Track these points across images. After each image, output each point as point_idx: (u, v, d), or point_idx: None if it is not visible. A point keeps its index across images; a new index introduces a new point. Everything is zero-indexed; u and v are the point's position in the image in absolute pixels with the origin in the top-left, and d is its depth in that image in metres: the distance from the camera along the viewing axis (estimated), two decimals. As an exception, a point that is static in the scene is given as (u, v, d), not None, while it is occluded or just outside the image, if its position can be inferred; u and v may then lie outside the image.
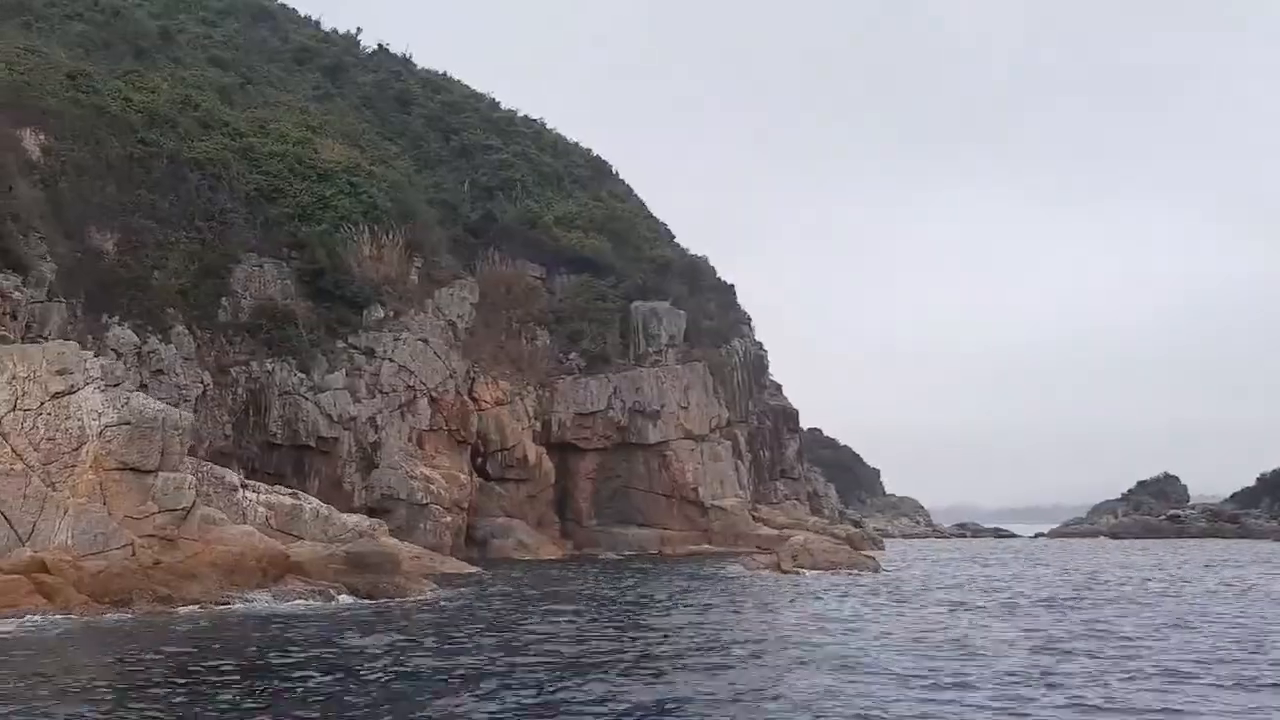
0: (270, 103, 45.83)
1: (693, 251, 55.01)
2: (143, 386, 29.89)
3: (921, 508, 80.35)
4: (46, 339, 25.69)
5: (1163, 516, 61.75)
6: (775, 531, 44.86)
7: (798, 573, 26.96)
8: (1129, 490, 69.12)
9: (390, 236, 41.46)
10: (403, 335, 39.49)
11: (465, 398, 40.79)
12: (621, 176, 58.04)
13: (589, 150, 57.57)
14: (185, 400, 32.50)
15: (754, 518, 46.04)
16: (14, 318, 24.27)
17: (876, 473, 78.82)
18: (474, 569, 28.88)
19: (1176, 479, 67.70)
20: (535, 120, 56.44)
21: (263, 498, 21.67)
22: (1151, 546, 50.20)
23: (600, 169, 57.16)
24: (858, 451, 77.49)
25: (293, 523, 21.36)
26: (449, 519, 36.87)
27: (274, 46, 51.93)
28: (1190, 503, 64.58)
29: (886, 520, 69.57)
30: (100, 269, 34.64)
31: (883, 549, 47.27)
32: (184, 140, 39.25)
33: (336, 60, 53.33)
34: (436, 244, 44.10)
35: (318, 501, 23.20)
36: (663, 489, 45.49)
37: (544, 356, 46.41)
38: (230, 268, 37.96)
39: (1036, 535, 66.34)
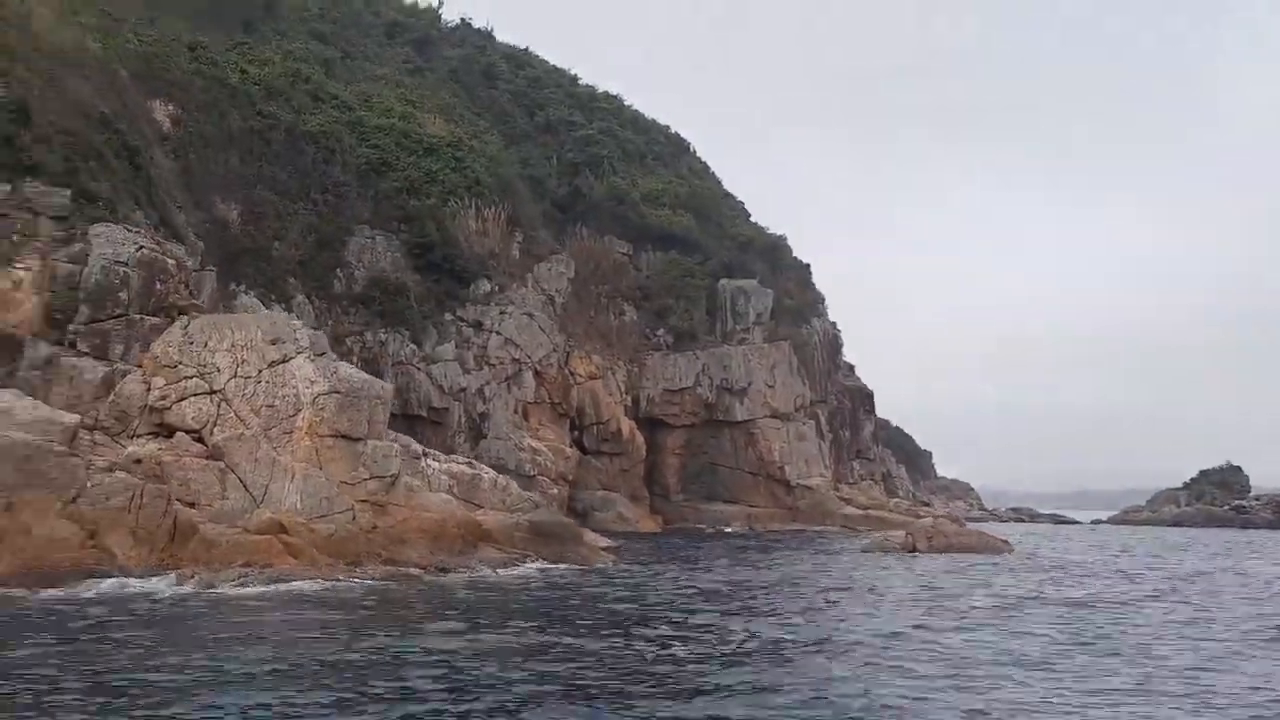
0: (369, 76, 46.45)
1: (771, 230, 55.54)
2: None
3: (972, 490, 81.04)
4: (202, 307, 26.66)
5: (1227, 506, 62.27)
6: (860, 511, 45.74)
7: (932, 555, 27.75)
8: (1191, 479, 69.56)
9: (493, 211, 42.24)
10: (508, 309, 40.35)
11: (565, 371, 41.69)
12: (699, 153, 58.49)
13: (667, 127, 58.03)
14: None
15: (838, 497, 46.83)
16: (186, 286, 25.10)
17: (929, 455, 79.49)
18: (607, 540, 29.84)
19: (1239, 469, 68.10)
20: (615, 96, 56.85)
21: (443, 466, 22.56)
22: (1228, 536, 50.74)
23: (679, 146, 57.67)
24: (909, 433, 78.19)
25: (473, 491, 22.25)
26: (555, 490, 37.83)
27: (366, 20, 52.44)
28: (1253, 494, 65.07)
29: (941, 503, 70.27)
30: (226, 238, 35.54)
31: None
32: (298, 113, 40.02)
33: (424, 34, 53.86)
34: (534, 219, 44.85)
35: (493, 471, 24.08)
36: (749, 466, 46.36)
37: (632, 332, 47.21)
38: (344, 240, 38.85)
39: (1095, 522, 66.89)
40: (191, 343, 20.37)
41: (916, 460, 74.90)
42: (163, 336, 20.64)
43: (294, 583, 16.09)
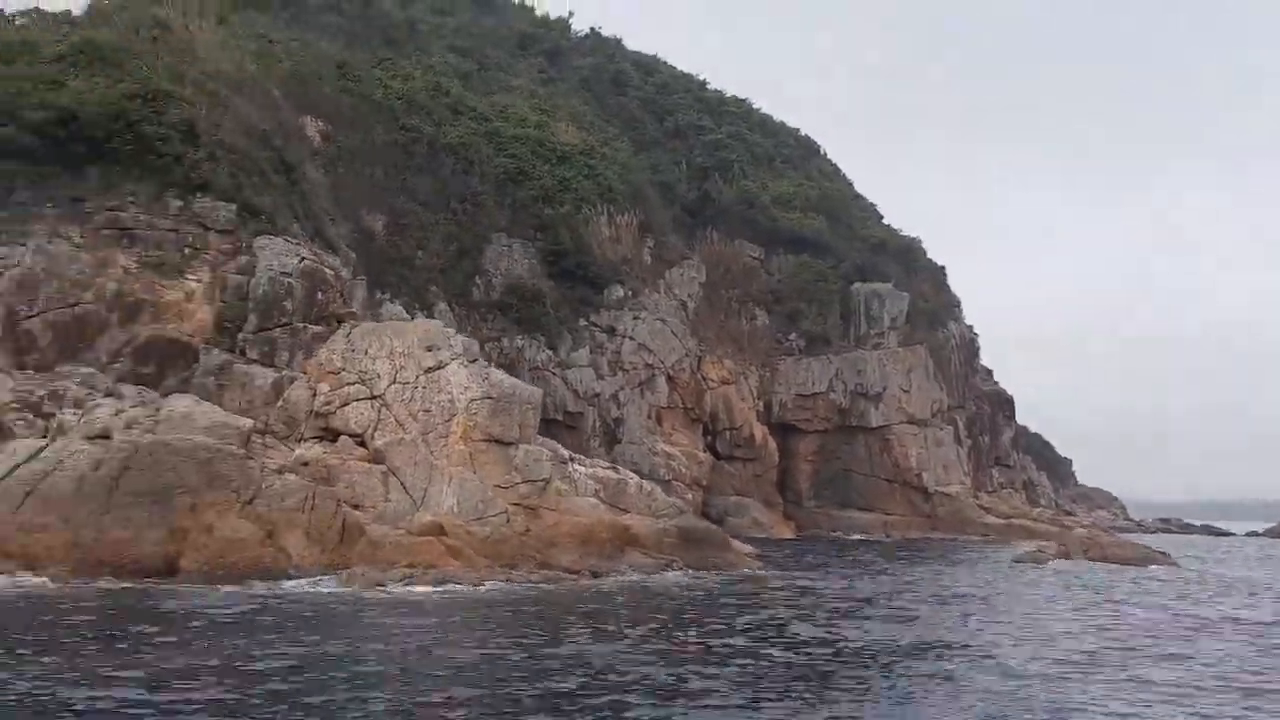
0: (504, 88, 47.45)
1: (904, 231, 54.22)
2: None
3: (1116, 499, 77.27)
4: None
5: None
6: (1002, 520, 44.14)
7: (1086, 568, 26.47)
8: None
9: (625, 217, 42.55)
10: (641, 314, 40.56)
11: (697, 376, 41.62)
12: (829, 155, 57.61)
13: (796, 129, 57.37)
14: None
15: (978, 505, 45.31)
16: (341, 295, 26.07)
17: (1069, 462, 76.14)
18: (746, 546, 29.57)
19: None
20: (743, 100, 56.55)
21: (589, 470, 22.73)
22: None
23: (809, 148, 56.94)
24: (1048, 439, 75.05)
25: (619, 496, 22.34)
26: (689, 496, 37.74)
27: (500, 34, 53.62)
28: None
29: (1083, 512, 67.19)
30: (372, 249, 36.80)
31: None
32: (438, 126, 41.19)
33: (555, 45, 54.71)
34: (664, 224, 44.98)
35: (637, 476, 24.18)
36: (884, 473, 45.33)
37: (763, 336, 46.79)
38: (482, 248, 39.76)
39: (1250, 533, 62.91)
40: (353, 350, 21.12)
41: (1056, 467, 71.88)
42: (327, 344, 21.47)
43: (458, 585, 16.44)
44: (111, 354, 23.64)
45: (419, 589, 15.79)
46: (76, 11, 39.57)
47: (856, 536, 41.72)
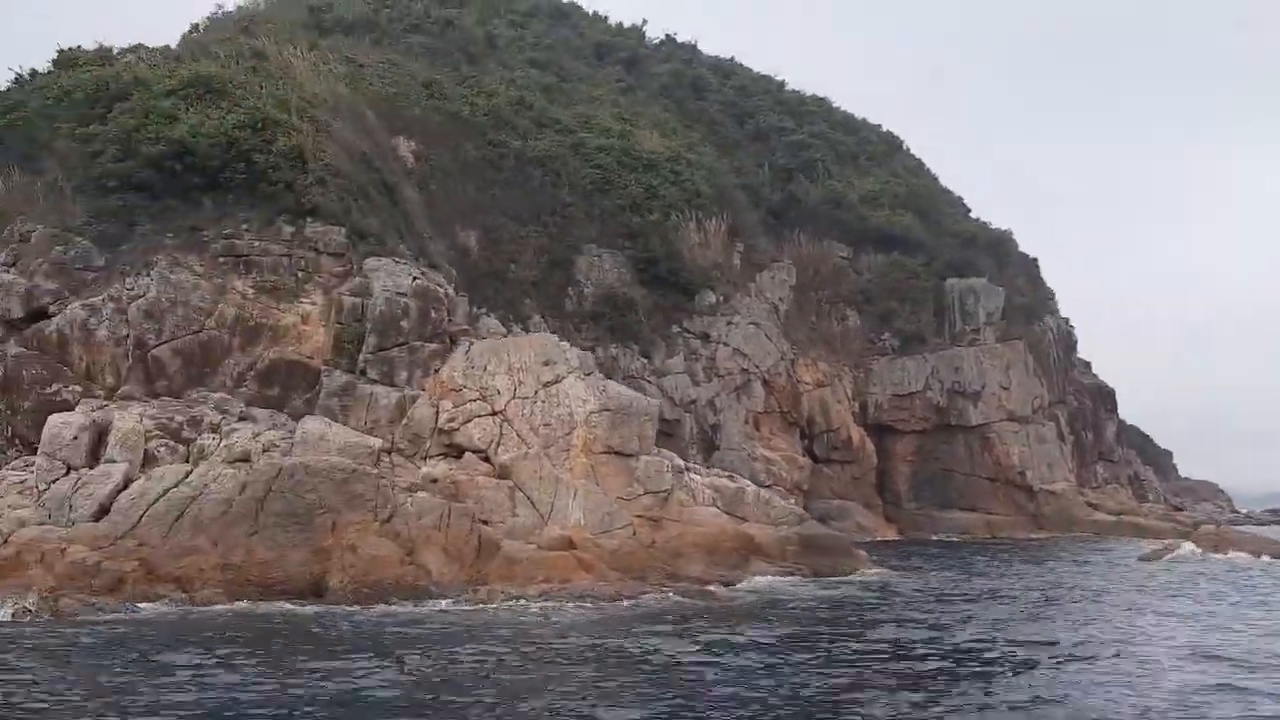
0: (585, 98, 47.68)
1: (994, 224, 53.08)
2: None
3: (1222, 492, 74.43)
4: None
5: None
6: (1111, 517, 42.86)
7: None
8: None
9: (713, 222, 42.39)
10: (734, 319, 40.34)
11: (793, 379, 41.25)
12: (912, 151, 56.73)
13: (878, 125, 56.60)
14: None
15: (1085, 503, 44.06)
16: (450, 312, 26.39)
17: (1169, 454, 73.51)
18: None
19: None
20: (823, 99, 55.95)
21: (705, 479, 22.65)
22: None
23: (892, 144, 56.10)
24: (1146, 431, 72.62)
25: (737, 504, 22.21)
26: (791, 501, 37.38)
27: (576, 44, 53.93)
28: None
29: (1190, 506, 64.92)
30: (467, 264, 37.24)
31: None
32: (524, 140, 41.54)
33: (632, 53, 54.83)
34: (753, 228, 44.71)
35: (753, 484, 24.03)
36: (986, 472, 44.36)
37: (856, 337, 46.16)
38: (573, 259, 39.95)
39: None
40: (473, 366, 21.37)
41: (1157, 461, 69.48)
42: (448, 361, 21.77)
43: (600, 600, 16.45)
44: (236, 378, 24.31)
45: (566, 604, 15.83)
46: (173, 44, 41.11)
47: (961, 537, 40.89)
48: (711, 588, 18.12)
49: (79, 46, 35.14)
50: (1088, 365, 53.96)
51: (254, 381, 23.51)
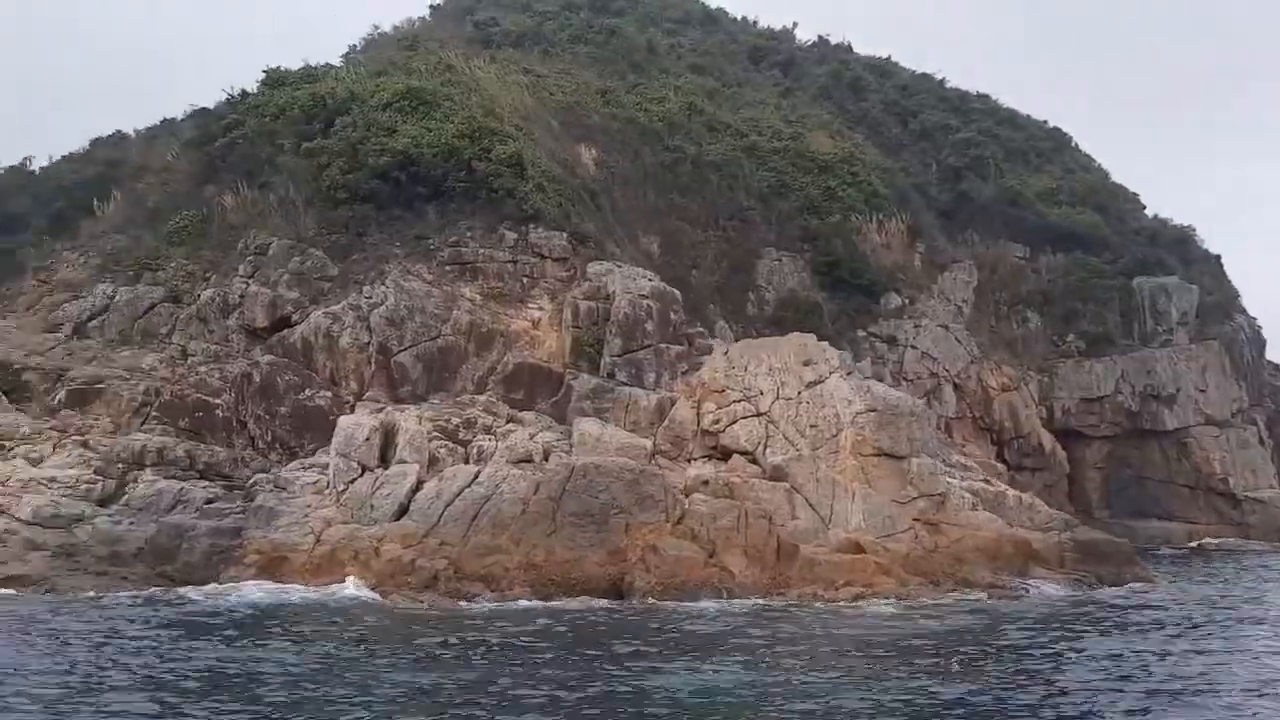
0: (750, 102, 47.33)
1: (1175, 221, 50.75)
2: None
3: None
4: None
5: None
6: (1328, 526, 40.27)
7: None
8: None
9: (893, 223, 41.49)
10: (921, 322, 39.32)
11: (983, 384, 40.01)
12: (1080, 147, 54.70)
13: (1044, 122, 54.75)
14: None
15: (1296, 510, 41.51)
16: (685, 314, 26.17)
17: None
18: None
19: None
20: (986, 95, 54.45)
21: (963, 483, 21.89)
22: None
23: (1059, 140, 54.19)
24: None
25: (999, 508, 21.41)
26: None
27: (731, 49, 53.68)
28: None
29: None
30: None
31: None
32: (699, 145, 41.36)
33: (788, 56, 54.32)
34: (932, 228, 43.61)
35: (1013, 489, 23.20)
36: (1184, 479, 42.21)
37: (1038, 340, 44.54)
38: (753, 263, 39.55)
39: None
40: (733, 367, 21.11)
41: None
42: (708, 362, 21.57)
43: (914, 602, 15.93)
44: (477, 383, 24.56)
45: (887, 607, 15.34)
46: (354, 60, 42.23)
47: (1166, 549, 38.94)
48: (998, 593, 17.40)
49: (280, 67, 36.43)
50: (1277, 368, 51.03)
51: (499, 386, 23.69)
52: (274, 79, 34.80)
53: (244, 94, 35.05)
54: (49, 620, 14.37)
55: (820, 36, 56.83)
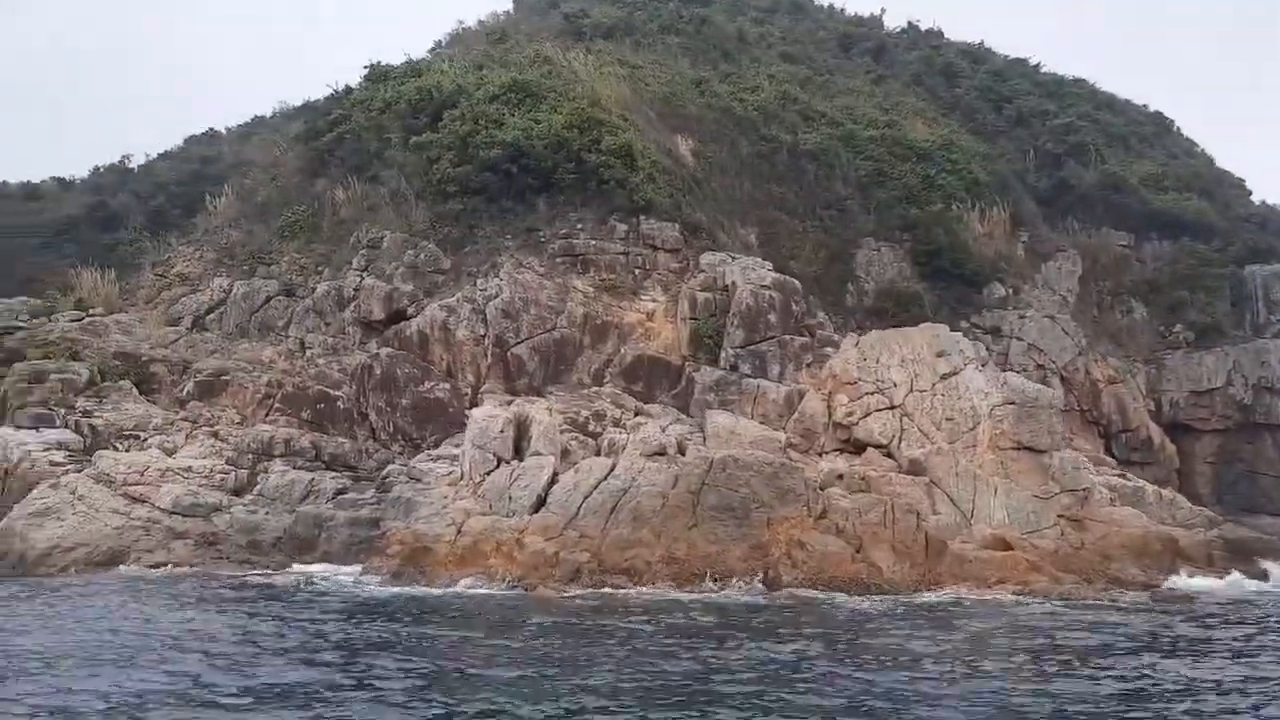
0: (843, 90, 46.61)
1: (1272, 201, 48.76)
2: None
3: None
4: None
5: None
6: None
7: None
8: None
9: (994, 211, 40.50)
10: (1027, 312, 38.32)
11: (1090, 376, 38.90)
12: (1182, 131, 52.88)
13: (1144, 106, 53.03)
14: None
15: None
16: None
17: None
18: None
19: None
20: (1083, 80, 52.87)
21: (1100, 478, 21.20)
22: None
23: (1161, 125, 52.45)
24: None
25: (1138, 504, 20.69)
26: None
27: (821, 37, 52.95)
28: None
29: None
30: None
31: None
32: (794, 134, 40.84)
33: (879, 42, 53.38)
34: (1034, 216, 42.50)
35: (1151, 484, 22.47)
36: (1302, 474, 40.55)
37: (1144, 330, 43.15)
38: (852, 253, 38.93)
39: None
40: (864, 359, 20.71)
41: None
42: (839, 354, 21.20)
43: (1075, 600, 15.45)
44: (594, 375, 24.54)
45: (1047, 604, 14.88)
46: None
47: None
48: (1151, 592, 16.80)
49: (379, 63, 36.82)
50: (1397, 359, 48.78)
51: (618, 378, 23.61)
52: (376, 74, 35.18)
53: (348, 89, 35.51)
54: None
55: (910, 22, 55.78)
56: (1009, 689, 9.36)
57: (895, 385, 20.20)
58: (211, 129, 52.21)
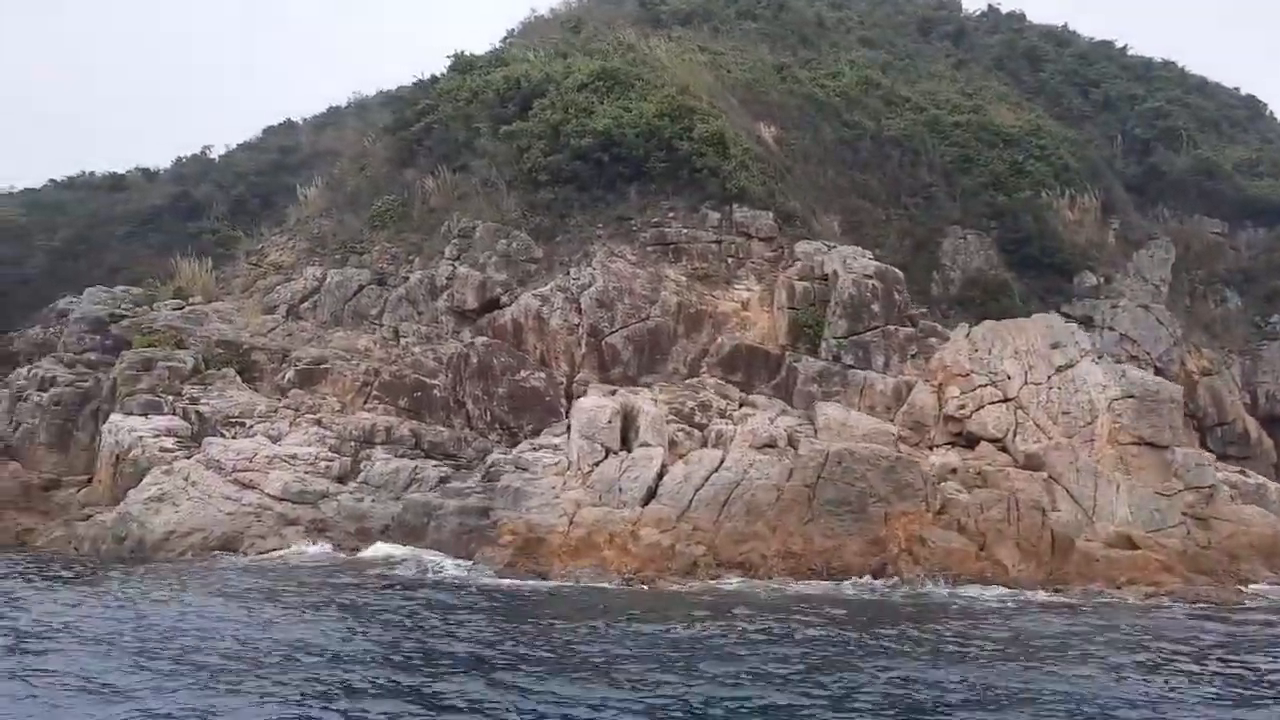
0: (925, 75, 45.71)
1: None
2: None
3: None
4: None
5: None
6: None
7: None
8: None
9: (1084, 198, 39.45)
10: (1119, 302, 37.30)
11: (1185, 368, 37.78)
12: (1278, 116, 51.03)
13: (1237, 89, 51.28)
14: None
15: None
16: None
17: None
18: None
19: None
20: (1172, 63, 51.27)
21: (1220, 475, 20.51)
22: None
23: (1254, 108, 50.70)
24: None
25: (1260, 502, 20.01)
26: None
27: (899, 21, 52.00)
28: None
29: None
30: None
31: None
32: (878, 120, 40.14)
33: (959, 26, 52.29)
34: (1125, 203, 41.32)
35: (1272, 482, 21.76)
36: (1406, 471, 39.02)
37: (1238, 321, 41.80)
38: (938, 241, 38.18)
39: None
40: (976, 350, 20.27)
41: None
42: (950, 345, 20.78)
43: (1213, 603, 14.93)
44: (689, 364, 24.35)
45: (1182, 606, 14.40)
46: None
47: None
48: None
49: (463, 52, 36.88)
50: None
51: (715, 368, 23.40)
52: (462, 64, 35.26)
53: (434, 79, 35.66)
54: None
55: (990, 5, 54.55)
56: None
57: (1009, 377, 19.73)
58: (289, 119, 52.94)
